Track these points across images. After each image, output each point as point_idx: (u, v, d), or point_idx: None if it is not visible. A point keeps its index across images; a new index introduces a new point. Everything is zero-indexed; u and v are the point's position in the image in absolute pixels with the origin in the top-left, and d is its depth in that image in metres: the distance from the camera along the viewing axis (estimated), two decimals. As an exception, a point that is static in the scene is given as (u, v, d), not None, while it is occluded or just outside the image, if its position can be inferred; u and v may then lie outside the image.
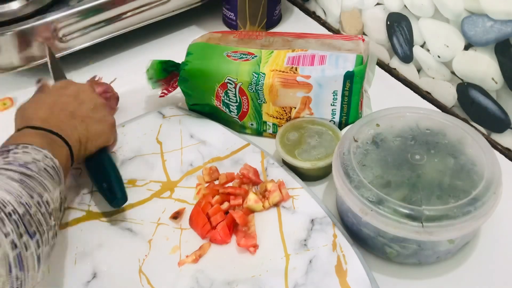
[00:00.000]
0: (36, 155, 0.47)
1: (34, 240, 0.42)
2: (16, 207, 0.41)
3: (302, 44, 0.67)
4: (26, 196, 0.43)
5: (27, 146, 0.48)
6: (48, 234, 0.44)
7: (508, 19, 0.59)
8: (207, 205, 0.57)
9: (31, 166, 0.46)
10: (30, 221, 0.42)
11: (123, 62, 0.83)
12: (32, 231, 0.42)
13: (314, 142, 0.63)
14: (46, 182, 0.46)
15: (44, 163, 0.47)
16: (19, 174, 0.44)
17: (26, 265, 0.40)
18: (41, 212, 0.44)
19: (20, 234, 0.40)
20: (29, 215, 0.42)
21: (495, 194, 0.50)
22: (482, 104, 0.67)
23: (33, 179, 0.45)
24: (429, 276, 0.53)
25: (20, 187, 0.43)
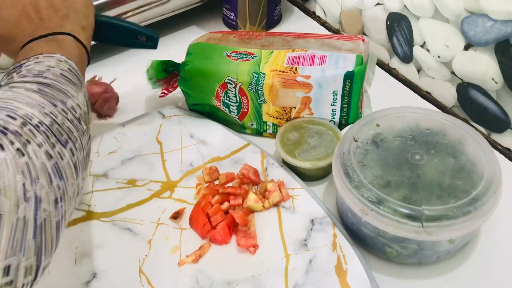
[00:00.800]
0: (48, 62, 0.46)
1: (68, 148, 0.40)
2: (42, 118, 0.39)
3: (302, 44, 0.67)
4: (49, 106, 0.41)
5: (38, 57, 0.46)
6: (81, 139, 0.43)
7: (508, 19, 0.59)
8: (207, 205, 0.57)
9: (46, 74, 0.44)
10: (59, 130, 0.40)
11: (123, 62, 0.83)
12: (64, 140, 0.40)
13: (314, 142, 0.63)
14: (67, 87, 0.44)
15: (60, 68, 0.46)
16: (36, 85, 0.42)
17: (65, 174, 0.39)
18: (69, 119, 0.42)
19: (53, 144, 0.38)
20: (57, 124, 0.40)
21: (495, 194, 0.50)
22: (482, 104, 0.67)
23: (51, 87, 0.43)
24: (429, 276, 0.53)
25: (40, 97, 0.41)
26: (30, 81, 0.43)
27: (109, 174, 0.62)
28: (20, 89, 0.41)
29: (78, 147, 0.42)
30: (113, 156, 0.65)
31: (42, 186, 0.36)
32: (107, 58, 0.83)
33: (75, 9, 0.54)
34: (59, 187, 0.38)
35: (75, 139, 0.42)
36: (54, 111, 0.41)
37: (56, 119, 0.41)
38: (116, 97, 0.73)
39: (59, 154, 0.39)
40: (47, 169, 0.37)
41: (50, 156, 0.38)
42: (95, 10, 0.58)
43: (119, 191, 0.61)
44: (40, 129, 0.38)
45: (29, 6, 0.53)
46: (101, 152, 0.65)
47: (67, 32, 0.51)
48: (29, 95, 0.41)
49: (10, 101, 0.39)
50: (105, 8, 0.76)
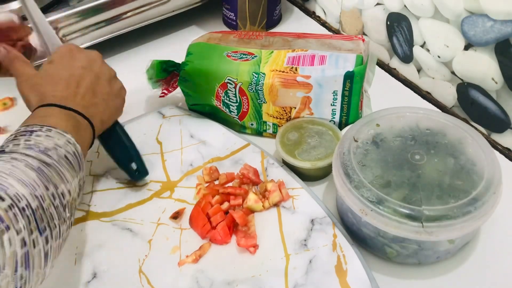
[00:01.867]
0: (58, 140, 0.47)
1: (43, 236, 0.41)
2: (30, 201, 0.40)
3: (302, 44, 0.67)
4: (42, 188, 0.42)
5: (50, 129, 0.47)
6: (61, 227, 0.44)
7: (508, 19, 0.59)
8: (207, 205, 0.57)
9: (51, 153, 0.45)
10: (42, 216, 0.41)
11: (123, 62, 0.83)
12: (43, 227, 0.41)
13: (314, 142, 0.63)
14: (65, 171, 0.46)
15: (65, 150, 0.47)
16: (38, 162, 0.44)
17: (32, 263, 0.40)
18: (54, 205, 0.43)
19: (31, 230, 0.40)
20: (41, 209, 0.41)
21: (495, 194, 0.50)
22: (482, 104, 0.67)
23: (51, 168, 0.44)
24: (429, 276, 0.53)
25: (36, 176, 0.42)
26: (33, 156, 0.44)
27: (109, 174, 0.62)
28: (20, 163, 0.43)
29: (54, 236, 0.43)
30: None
31: (6, 276, 0.37)
32: (107, 58, 0.83)
33: (107, 105, 0.57)
34: (22, 277, 0.39)
35: (53, 227, 0.43)
36: (44, 194, 0.42)
37: (43, 204, 0.42)
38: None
39: (33, 242, 0.40)
40: (16, 258, 0.38)
41: (24, 244, 0.39)
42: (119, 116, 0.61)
43: (119, 191, 0.61)
44: (25, 212, 0.40)
45: (76, 77, 0.55)
46: (101, 152, 0.65)
47: (87, 117, 0.53)
48: (26, 172, 0.42)
49: (6, 176, 0.41)
50: (106, 8, 0.76)
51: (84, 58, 0.57)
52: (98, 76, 0.57)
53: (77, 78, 0.55)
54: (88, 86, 0.55)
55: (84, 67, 0.56)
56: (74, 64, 0.56)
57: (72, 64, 0.56)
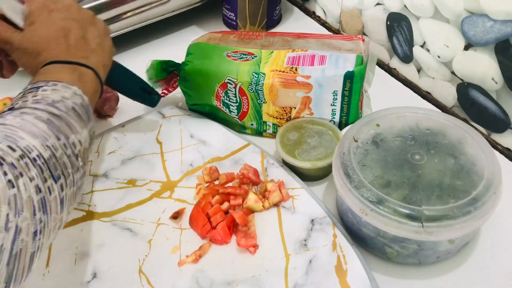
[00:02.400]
0: (65, 92, 0.47)
1: (58, 184, 0.42)
2: (42, 151, 0.41)
3: (302, 44, 0.67)
4: (53, 138, 0.43)
5: (56, 84, 0.48)
6: (74, 176, 0.45)
7: (508, 19, 0.59)
8: (207, 205, 0.57)
9: (59, 105, 0.45)
10: (55, 165, 0.42)
11: (123, 62, 0.82)
12: (57, 175, 0.42)
13: (314, 142, 0.63)
14: (74, 122, 0.46)
15: (73, 101, 0.47)
16: (47, 114, 0.44)
17: (49, 208, 0.40)
18: (67, 155, 0.44)
19: (45, 178, 0.40)
20: (55, 158, 0.42)
21: (495, 194, 0.50)
22: (482, 104, 0.67)
23: (60, 119, 0.45)
24: (429, 276, 0.53)
25: (47, 127, 0.43)
26: (42, 109, 0.44)
27: (109, 174, 0.62)
28: (30, 116, 0.43)
29: (69, 183, 0.44)
30: (113, 156, 0.65)
31: (25, 218, 0.38)
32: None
33: (102, 47, 0.57)
34: (41, 221, 0.39)
35: (67, 175, 0.43)
36: (55, 144, 0.43)
37: (55, 153, 0.42)
38: (116, 97, 0.73)
39: (48, 189, 0.41)
40: (33, 202, 0.39)
41: (39, 190, 0.40)
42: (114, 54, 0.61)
43: (119, 191, 0.61)
44: (37, 162, 0.40)
45: (63, 29, 0.55)
46: (101, 152, 0.65)
47: (90, 66, 0.53)
48: (36, 124, 0.43)
49: (16, 129, 0.41)
50: (105, 8, 0.76)
51: (61, 8, 0.57)
52: (81, 22, 0.56)
53: (63, 31, 0.54)
54: (78, 35, 0.55)
55: (66, 18, 0.56)
56: (54, 18, 0.55)
57: (52, 19, 0.55)
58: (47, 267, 0.53)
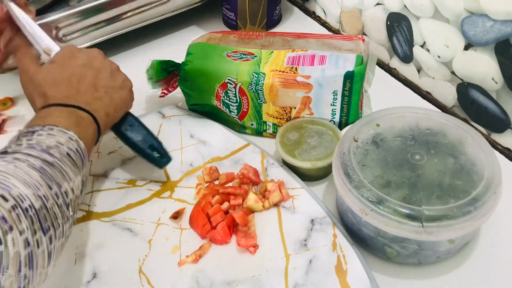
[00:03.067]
0: (60, 137, 0.47)
1: (47, 236, 0.41)
2: (33, 201, 0.40)
3: (302, 44, 0.67)
4: (45, 187, 0.42)
5: (52, 128, 0.47)
6: (64, 227, 0.44)
7: (508, 19, 0.59)
8: (207, 205, 0.57)
9: (53, 152, 0.45)
10: (45, 216, 0.41)
11: (123, 62, 0.82)
12: (46, 226, 0.41)
13: (314, 142, 0.63)
14: (67, 169, 0.46)
15: (68, 147, 0.47)
16: (40, 161, 0.44)
17: (36, 263, 0.40)
18: (58, 204, 0.43)
19: (34, 230, 0.40)
20: (45, 209, 0.41)
21: (495, 194, 0.50)
22: (482, 104, 0.67)
23: (53, 167, 0.44)
24: (429, 276, 0.53)
25: (39, 176, 0.42)
26: (35, 156, 0.44)
27: (109, 174, 0.62)
28: (23, 163, 0.43)
29: (58, 235, 0.43)
30: (113, 156, 0.65)
31: (9, 276, 0.37)
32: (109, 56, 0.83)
33: (111, 97, 0.57)
34: (26, 277, 0.39)
35: (57, 226, 0.43)
36: (47, 194, 0.42)
37: (46, 204, 0.42)
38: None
39: (37, 242, 0.40)
40: (20, 258, 0.38)
41: (28, 244, 0.39)
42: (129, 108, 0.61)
43: (119, 191, 0.61)
44: (28, 213, 0.39)
45: (76, 75, 0.55)
46: (101, 152, 0.65)
47: (89, 110, 0.53)
48: (29, 172, 0.42)
49: (9, 177, 0.41)
50: (106, 8, 0.76)
51: (84, 56, 0.58)
52: (99, 71, 0.57)
53: (77, 76, 0.55)
54: (89, 82, 0.55)
55: (85, 65, 0.57)
56: (74, 63, 0.56)
57: (72, 63, 0.56)
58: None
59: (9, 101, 0.75)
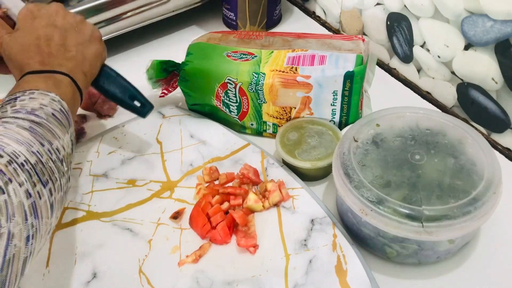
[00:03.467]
0: (42, 99, 0.47)
1: (47, 188, 0.42)
2: (28, 157, 0.41)
3: (302, 44, 0.67)
4: (37, 145, 0.43)
5: (33, 92, 0.48)
6: (61, 180, 0.45)
7: (508, 19, 0.59)
8: (207, 205, 0.57)
9: (38, 113, 0.45)
10: (42, 170, 0.42)
11: (123, 62, 0.83)
12: (45, 180, 0.42)
13: (314, 142, 0.63)
14: (55, 128, 0.46)
15: (52, 108, 0.47)
16: (28, 122, 0.44)
17: (40, 213, 0.40)
18: (52, 160, 0.44)
19: (34, 183, 0.40)
20: (41, 163, 0.42)
21: (495, 194, 0.50)
22: (482, 104, 0.67)
23: (42, 126, 0.45)
24: (429, 276, 0.53)
25: (30, 135, 0.43)
26: (23, 118, 0.44)
27: (109, 174, 0.62)
28: (12, 125, 0.43)
29: (57, 188, 0.44)
30: (113, 156, 0.65)
31: (17, 223, 0.38)
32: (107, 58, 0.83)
33: (84, 55, 0.56)
34: (33, 225, 0.39)
35: (55, 180, 0.43)
36: (40, 150, 0.43)
37: (41, 159, 0.42)
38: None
39: (38, 194, 0.41)
40: (24, 208, 0.39)
41: (29, 195, 0.39)
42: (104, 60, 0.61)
43: (119, 191, 0.61)
44: (25, 167, 0.40)
45: (43, 37, 0.54)
46: (101, 152, 0.65)
47: (66, 73, 0.53)
48: (19, 132, 0.43)
49: (0, 137, 0.41)
50: (105, 8, 0.76)
51: (45, 15, 0.56)
52: (65, 29, 0.56)
53: (44, 38, 0.54)
54: (58, 43, 0.55)
55: (48, 25, 0.56)
56: (38, 25, 0.55)
57: (34, 26, 0.55)
58: (47, 267, 0.53)
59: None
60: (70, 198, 0.59)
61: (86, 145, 0.66)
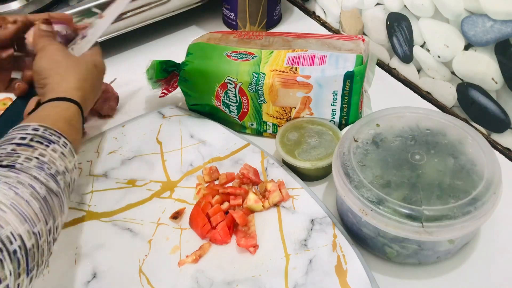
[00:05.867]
0: (69, 162, 0.46)
1: (30, 277, 0.39)
2: (26, 240, 0.38)
3: (302, 44, 0.67)
4: (42, 222, 0.40)
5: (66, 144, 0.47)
6: (45, 262, 0.42)
7: (508, 19, 0.59)
8: (207, 205, 0.57)
9: (59, 179, 0.44)
10: (34, 254, 0.39)
11: (123, 62, 0.83)
12: (32, 266, 0.39)
13: (314, 142, 0.63)
14: (65, 201, 0.45)
15: (71, 176, 0.46)
16: (45, 190, 0.42)
17: None
18: (48, 241, 0.42)
19: (19, 274, 0.37)
20: (36, 247, 0.39)
21: (495, 194, 0.50)
22: (482, 104, 0.67)
23: (56, 198, 0.43)
24: (429, 276, 0.53)
25: (40, 210, 0.40)
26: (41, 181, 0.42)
27: (109, 174, 0.62)
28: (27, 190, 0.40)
29: (39, 273, 0.41)
30: (113, 156, 0.65)
31: None
32: (107, 58, 0.83)
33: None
34: None
35: (40, 263, 0.41)
36: (42, 230, 0.40)
37: (39, 241, 0.40)
38: (116, 97, 0.73)
39: (18, 286, 0.38)
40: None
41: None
42: None
43: (119, 191, 0.61)
44: (16, 256, 0.37)
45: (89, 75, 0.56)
46: (101, 152, 0.65)
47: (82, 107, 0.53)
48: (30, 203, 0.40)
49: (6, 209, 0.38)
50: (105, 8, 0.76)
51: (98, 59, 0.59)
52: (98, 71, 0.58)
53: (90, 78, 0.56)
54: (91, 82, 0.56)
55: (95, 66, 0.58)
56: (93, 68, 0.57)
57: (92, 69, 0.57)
58: (47, 267, 0.53)
59: (9, 101, 0.75)
60: (70, 198, 0.59)
61: (86, 145, 0.66)
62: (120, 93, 0.73)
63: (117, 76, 0.75)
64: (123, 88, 0.74)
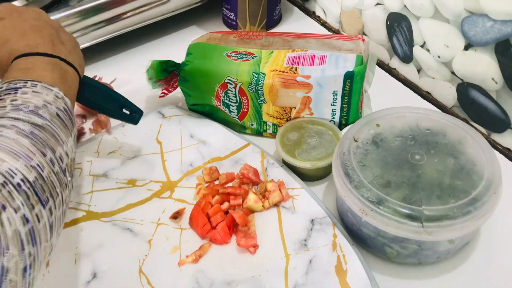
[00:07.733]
0: (46, 96, 0.43)
1: (47, 208, 0.38)
2: (26, 174, 0.37)
3: (302, 44, 0.67)
4: (38, 155, 0.38)
5: (36, 84, 0.43)
6: (63, 194, 0.41)
7: (508, 19, 0.59)
8: (207, 205, 0.57)
9: (42, 112, 0.41)
10: (42, 186, 0.38)
11: (123, 62, 0.83)
12: (45, 198, 0.38)
13: (314, 142, 0.63)
14: (60, 132, 0.42)
15: (56, 106, 0.43)
16: (29, 126, 0.40)
17: (39, 238, 0.37)
18: (55, 172, 0.40)
19: (32, 205, 0.36)
20: (41, 179, 0.38)
21: (495, 194, 0.50)
22: (482, 104, 0.67)
23: (45, 130, 0.40)
24: (429, 276, 0.53)
25: (30, 143, 0.39)
26: (23, 119, 0.40)
27: (109, 174, 0.62)
28: (10, 130, 0.39)
29: (58, 204, 0.40)
30: (113, 156, 0.65)
31: (12, 256, 0.34)
32: (107, 58, 0.83)
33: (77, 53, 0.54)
34: (30, 254, 0.36)
35: (56, 195, 0.39)
36: (41, 162, 0.39)
37: (42, 173, 0.38)
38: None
39: (37, 216, 0.37)
40: (21, 236, 0.35)
41: (27, 221, 0.36)
42: (84, 69, 0.57)
43: (119, 191, 0.61)
44: (21, 188, 0.36)
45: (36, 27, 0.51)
46: (101, 152, 0.65)
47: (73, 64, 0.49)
48: (18, 141, 0.38)
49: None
50: (105, 8, 0.76)
51: (31, 12, 0.53)
52: (53, 26, 0.53)
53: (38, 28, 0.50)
54: (52, 35, 0.51)
55: (37, 19, 0.52)
56: (26, 17, 0.51)
57: (24, 18, 0.51)
58: (47, 267, 0.53)
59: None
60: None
61: (86, 145, 0.66)
62: (120, 93, 0.73)
63: (117, 76, 0.75)
64: (123, 88, 0.74)
